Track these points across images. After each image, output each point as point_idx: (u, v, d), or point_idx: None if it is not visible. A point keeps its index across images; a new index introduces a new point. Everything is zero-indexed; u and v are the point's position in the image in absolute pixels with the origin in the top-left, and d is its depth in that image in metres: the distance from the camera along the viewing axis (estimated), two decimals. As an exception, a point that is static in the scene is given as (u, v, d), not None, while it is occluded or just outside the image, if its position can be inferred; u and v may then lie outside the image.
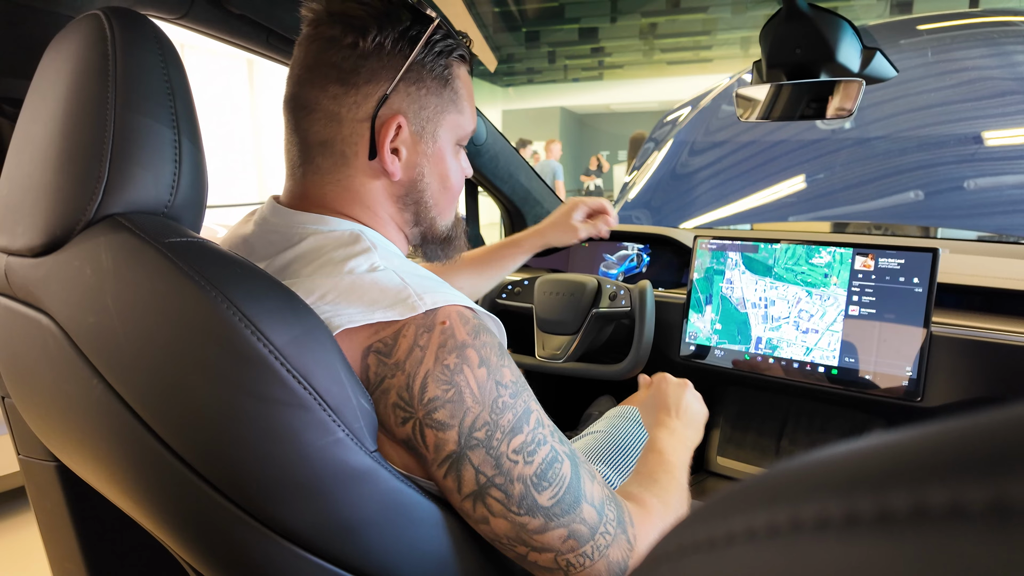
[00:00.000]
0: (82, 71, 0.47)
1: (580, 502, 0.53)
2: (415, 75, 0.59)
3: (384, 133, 0.58)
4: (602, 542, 0.53)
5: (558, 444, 0.54)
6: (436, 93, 0.60)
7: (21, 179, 0.50)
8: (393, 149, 0.59)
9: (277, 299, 0.45)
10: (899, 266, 0.99)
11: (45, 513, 0.78)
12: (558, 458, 0.53)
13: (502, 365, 0.53)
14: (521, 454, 0.51)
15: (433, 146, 0.62)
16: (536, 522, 0.51)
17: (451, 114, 0.62)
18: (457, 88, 0.62)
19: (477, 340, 0.52)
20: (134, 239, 0.44)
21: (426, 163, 0.62)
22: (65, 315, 0.47)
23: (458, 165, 0.66)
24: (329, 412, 0.44)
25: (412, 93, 0.59)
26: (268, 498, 0.44)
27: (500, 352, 0.54)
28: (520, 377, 0.54)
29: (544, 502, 0.51)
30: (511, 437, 0.51)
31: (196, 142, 0.51)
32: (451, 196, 0.66)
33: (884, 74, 0.93)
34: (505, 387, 0.52)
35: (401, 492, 0.49)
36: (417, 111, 0.60)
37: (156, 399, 0.44)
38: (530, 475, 0.51)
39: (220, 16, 0.86)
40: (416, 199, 0.63)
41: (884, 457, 0.12)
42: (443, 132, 0.62)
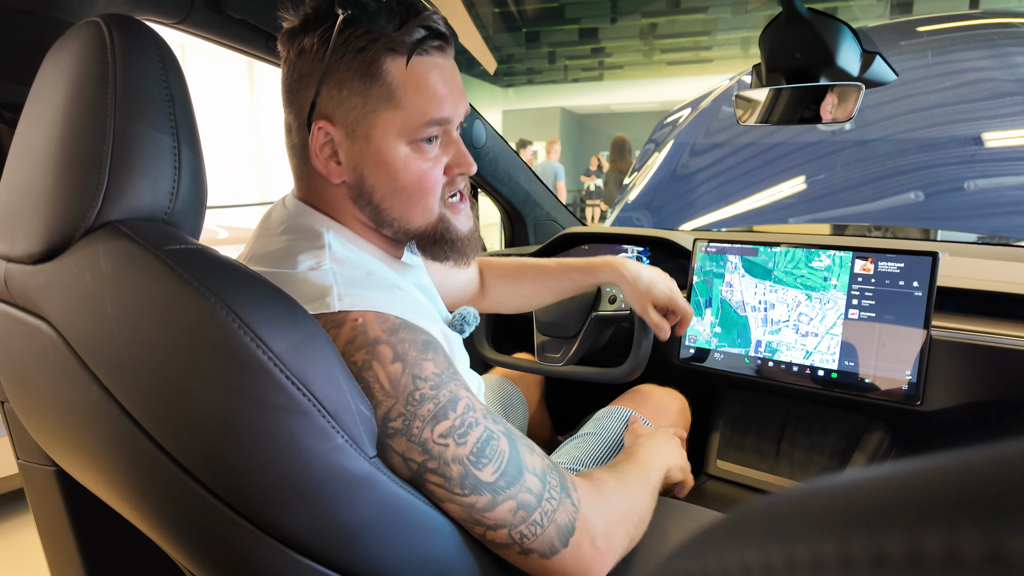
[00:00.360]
0: (81, 78, 0.47)
1: (523, 472, 0.54)
2: (336, 78, 0.57)
3: (312, 138, 0.59)
4: (548, 507, 0.55)
5: (492, 424, 0.55)
6: (360, 92, 0.58)
7: (21, 186, 0.50)
8: (334, 152, 0.60)
9: (276, 306, 0.45)
10: (899, 270, 0.99)
11: (45, 518, 0.78)
12: (493, 436, 0.54)
13: (423, 359, 0.53)
14: (450, 437, 0.52)
15: (368, 147, 0.59)
16: (484, 499, 0.52)
17: (384, 112, 0.58)
18: (388, 82, 0.58)
19: (394, 336, 0.53)
20: (133, 246, 0.44)
21: (365, 165, 0.60)
22: (64, 322, 0.47)
23: (418, 162, 0.61)
24: (328, 418, 0.44)
25: (335, 96, 0.58)
26: (267, 503, 0.44)
27: (423, 347, 0.54)
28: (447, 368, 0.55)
29: (487, 478, 0.53)
30: (434, 424, 0.52)
31: (195, 149, 0.51)
32: (407, 196, 0.62)
33: (883, 78, 0.93)
34: (425, 380, 0.52)
35: (400, 497, 0.49)
36: (344, 114, 0.58)
37: (155, 405, 0.44)
38: (466, 455, 0.52)
39: (219, 20, 0.86)
40: (368, 201, 0.62)
41: (880, 496, 0.12)
42: (378, 132, 0.59)
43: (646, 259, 1.41)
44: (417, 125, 0.59)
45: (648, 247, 1.40)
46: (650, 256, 1.40)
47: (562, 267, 0.99)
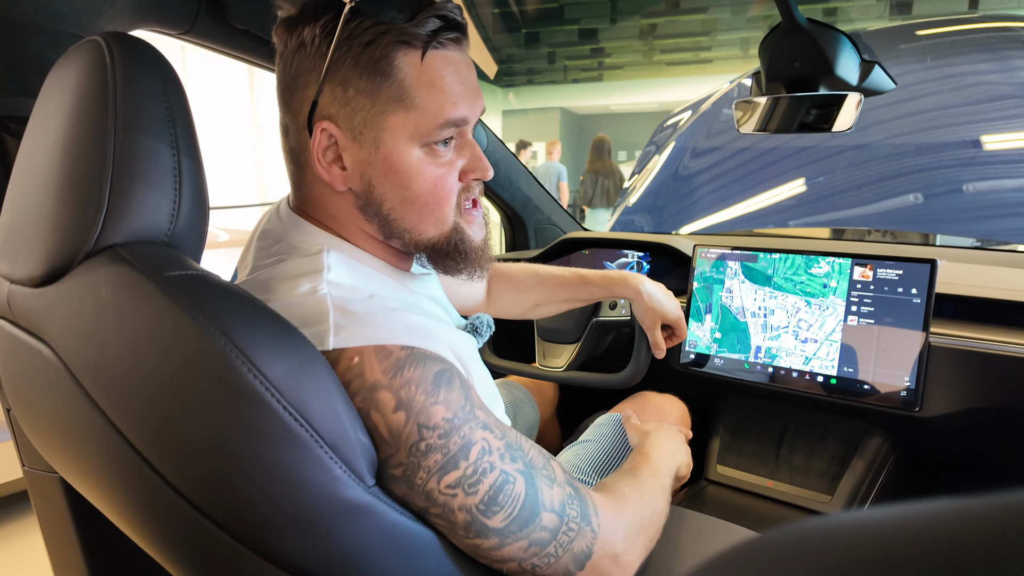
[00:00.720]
0: (82, 98, 0.47)
1: (538, 514, 0.51)
2: (340, 75, 0.51)
3: (314, 142, 0.53)
4: (565, 539, 0.52)
5: (509, 464, 0.51)
6: (368, 92, 0.52)
7: (23, 208, 0.50)
8: (338, 157, 0.54)
9: (274, 331, 0.44)
10: (898, 276, 0.99)
11: (50, 524, 0.78)
12: (508, 479, 0.50)
13: (432, 404, 0.48)
14: (459, 487, 0.48)
15: (376, 153, 0.54)
16: (490, 542, 0.50)
17: (396, 113, 0.53)
18: (401, 79, 0.52)
19: (396, 379, 0.48)
20: (133, 272, 0.44)
21: (372, 172, 0.54)
22: (65, 347, 0.47)
23: (432, 168, 0.55)
24: (326, 449, 0.44)
25: (339, 95, 0.52)
26: (266, 532, 0.43)
27: (434, 387, 0.49)
28: (461, 408, 0.50)
29: (496, 524, 0.49)
30: (441, 475, 0.48)
31: (197, 167, 0.50)
32: (420, 206, 0.56)
33: (883, 87, 0.93)
34: (432, 428, 0.48)
35: (401, 524, 0.48)
36: (349, 115, 0.53)
37: (153, 433, 0.44)
38: (474, 504, 0.49)
39: (223, 31, 0.86)
40: (375, 211, 0.56)
41: (875, 552, 0.12)
42: (388, 135, 0.53)
43: (647, 264, 1.41)
44: (432, 127, 0.54)
45: (648, 252, 1.41)
46: (651, 261, 1.41)
47: (581, 279, 0.97)
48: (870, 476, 1.05)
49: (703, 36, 8.98)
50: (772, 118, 0.96)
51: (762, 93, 0.96)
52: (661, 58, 10.20)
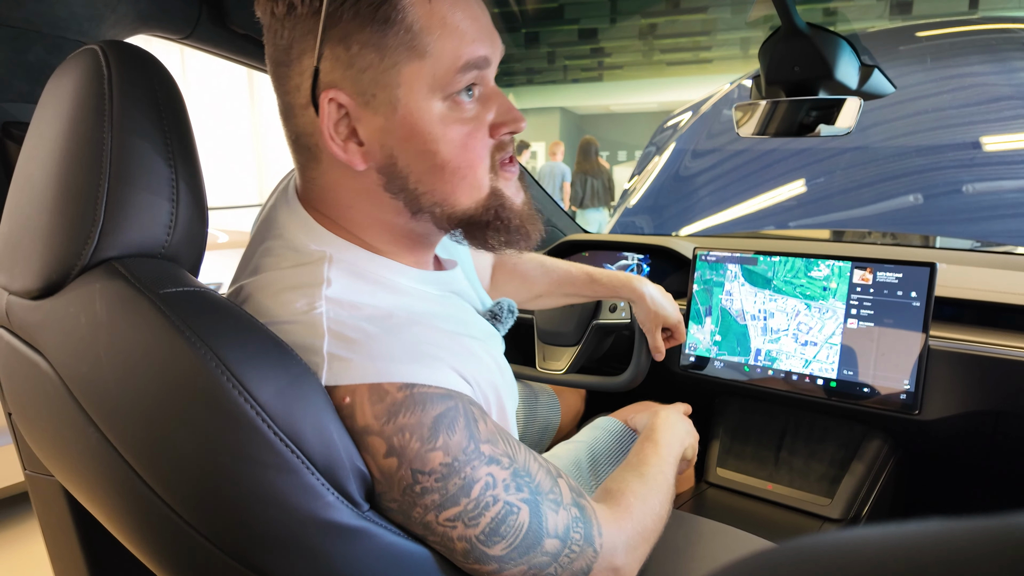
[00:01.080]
0: (78, 108, 0.46)
1: (540, 541, 0.49)
2: (339, 32, 0.45)
3: (323, 115, 0.47)
4: (566, 560, 0.50)
5: (514, 495, 0.48)
6: (374, 44, 0.45)
7: (20, 218, 0.49)
8: (352, 131, 0.48)
9: (268, 357, 0.43)
10: (897, 280, 1.00)
11: (51, 527, 0.79)
12: (512, 511, 0.47)
13: (429, 451, 0.44)
14: (459, 520, 0.46)
15: (393, 116, 0.47)
16: (488, 568, 0.48)
17: (408, 64, 0.46)
18: (409, 24, 0.45)
19: (389, 425, 0.44)
20: (128, 288, 0.43)
21: (392, 141, 0.48)
22: (61, 362, 0.46)
23: (459, 127, 0.48)
24: (318, 476, 0.43)
25: (342, 56, 0.45)
26: (259, 552, 0.43)
27: (432, 433, 0.45)
28: (465, 449, 0.46)
29: (496, 553, 0.47)
30: (439, 511, 0.45)
31: (194, 178, 0.49)
32: (450, 173, 0.49)
33: (882, 90, 0.94)
34: (428, 473, 0.44)
35: (398, 545, 0.47)
36: (356, 76, 0.46)
37: (146, 452, 0.43)
38: (475, 535, 0.46)
39: (224, 36, 0.86)
40: (401, 186, 0.50)
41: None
42: (403, 92, 0.46)
43: (647, 266, 1.41)
44: (452, 72, 0.47)
45: (648, 255, 1.41)
46: (651, 264, 1.41)
47: (588, 277, 0.98)
48: (869, 479, 1.05)
49: (703, 36, 8.98)
50: (771, 121, 0.97)
51: (762, 97, 0.96)
52: (661, 58, 10.20)
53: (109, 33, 0.72)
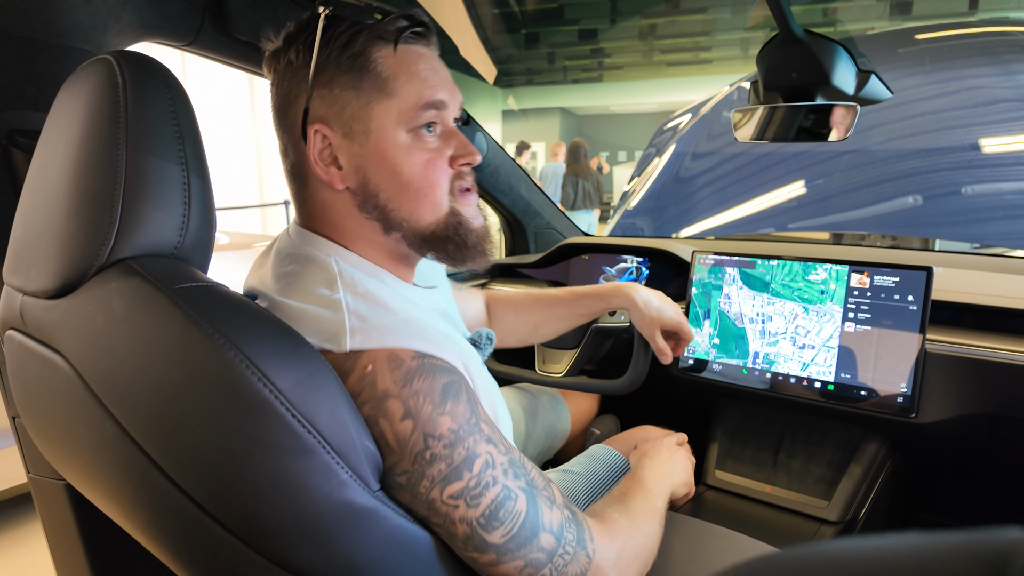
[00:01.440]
0: (94, 116, 0.48)
1: (537, 533, 0.52)
2: (325, 78, 0.56)
3: (311, 145, 0.57)
4: (560, 563, 0.53)
5: (512, 481, 0.52)
6: (353, 87, 0.56)
7: (35, 222, 0.51)
8: (334, 158, 0.58)
9: (282, 342, 0.46)
10: (894, 284, 1.00)
11: (54, 530, 0.79)
12: (511, 496, 0.52)
13: (439, 414, 0.50)
14: (462, 499, 0.50)
15: (367, 143, 0.57)
16: (487, 557, 0.51)
17: (380, 102, 0.57)
18: (380, 71, 0.57)
19: (406, 389, 0.50)
20: (145, 285, 0.45)
21: (367, 163, 0.58)
22: (78, 358, 0.48)
23: (421, 154, 0.59)
24: (333, 455, 0.45)
25: (327, 97, 0.57)
26: (275, 537, 0.45)
27: (441, 398, 0.51)
28: (468, 420, 0.52)
29: (495, 540, 0.50)
30: (444, 485, 0.49)
31: (205, 182, 0.52)
32: (414, 191, 0.59)
33: (879, 96, 0.94)
34: (438, 438, 0.49)
35: (404, 529, 0.50)
36: (338, 113, 0.57)
37: (166, 442, 0.45)
38: (475, 517, 0.50)
39: (226, 43, 0.87)
40: (374, 203, 0.59)
41: None
42: (375, 124, 0.57)
43: (646, 269, 1.42)
44: (414, 110, 0.57)
45: (647, 258, 1.42)
46: (649, 267, 1.42)
47: (574, 295, 0.97)
48: (867, 482, 1.06)
49: (703, 36, 8.99)
50: (770, 126, 0.97)
51: (760, 102, 0.97)
52: (661, 58, 10.21)
53: (113, 42, 0.72)
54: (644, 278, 1.42)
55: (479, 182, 1.65)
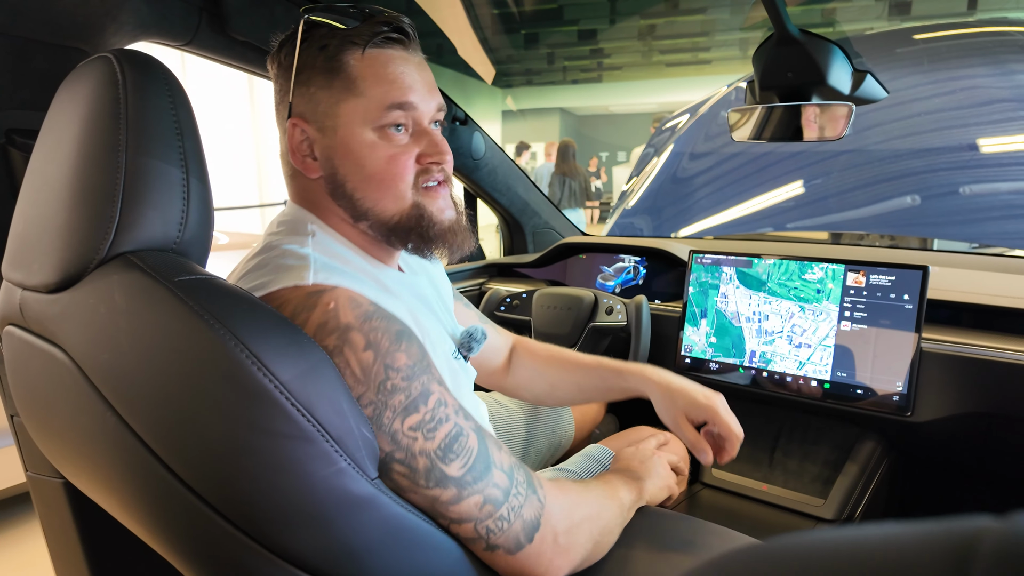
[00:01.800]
0: (94, 114, 0.49)
1: (491, 468, 0.56)
2: (304, 77, 0.62)
3: (288, 138, 0.64)
4: (515, 503, 0.56)
5: (463, 420, 0.57)
6: (325, 86, 0.62)
7: (36, 218, 0.52)
8: (310, 150, 0.64)
9: (283, 335, 0.47)
10: (890, 283, 1.01)
11: (53, 529, 0.80)
12: (463, 432, 0.56)
13: (396, 350, 0.54)
14: (420, 431, 0.53)
15: (335, 137, 0.63)
16: (448, 493, 0.54)
17: (347, 101, 0.62)
18: (349, 73, 0.61)
19: (366, 324, 0.54)
20: (145, 278, 0.46)
21: (335, 156, 0.63)
22: (79, 351, 0.49)
23: (385, 150, 0.63)
24: (332, 443, 0.46)
25: (305, 94, 0.63)
26: (274, 526, 0.45)
27: (396, 338, 0.55)
28: (420, 360, 0.56)
29: (454, 472, 0.54)
30: (404, 416, 0.53)
31: (203, 179, 0.53)
32: (377, 183, 0.63)
33: (875, 96, 0.95)
34: (396, 370, 0.53)
35: (402, 517, 0.51)
36: (313, 109, 0.62)
37: (167, 432, 0.45)
38: (433, 449, 0.53)
39: (223, 42, 0.87)
40: (342, 192, 0.64)
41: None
42: (343, 121, 0.62)
43: (643, 269, 1.42)
44: (379, 110, 0.62)
45: (645, 257, 1.42)
46: (647, 266, 1.42)
47: (596, 363, 0.93)
48: (863, 480, 1.06)
49: (702, 37, 8.99)
50: (767, 125, 0.98)
51: (756, 101, 0.97)
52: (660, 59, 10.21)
53: (111, 41, 0.73)
54: (642, 277, 1.43)
55: (477, 182, 1.66)
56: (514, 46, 9.28)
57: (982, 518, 0.13)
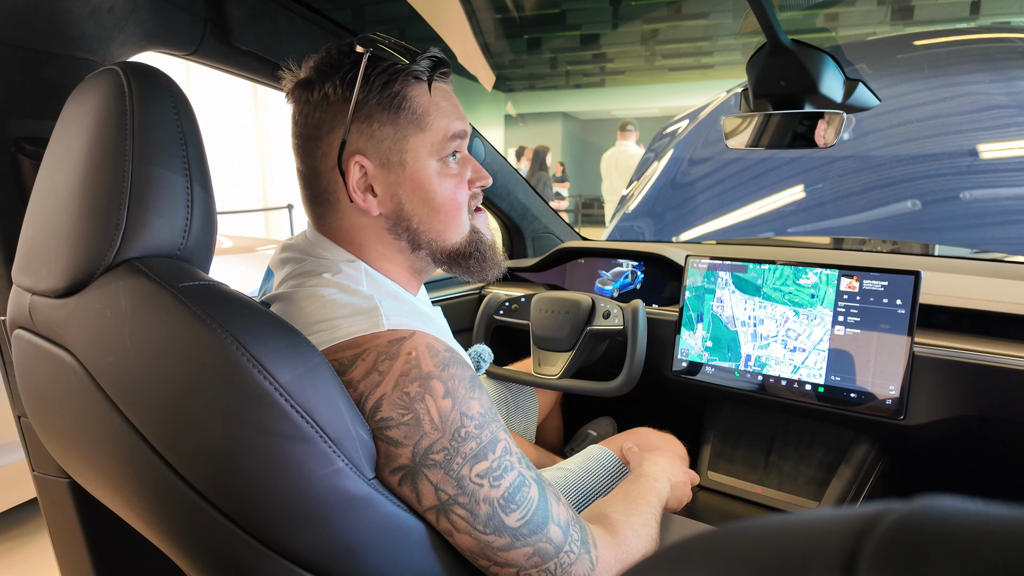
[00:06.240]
0: (101, 124, 0.50)
1: (547, 523, 0.56)
2: (364, 113, 0.61)
3: (349, 175, 0.62)
4: (566, 560, 0.56)
5: (525, 470, 0.57)
6: (391, 122, 0.62)
7: (44, 225, 0.53)
8: (369, 187, 0.63)
9: (282, 339, 0.48)
10: (883, 288, 1.02)
11: (58, 528, 0.81)
12: (525, 483, 0.56)
13: (470, 398, 0.55)
14: (486, 478, 0.54)
15: (403, 172, 0.63)
16: (502, 540, 0.54)
17: (415, 136, 0.63)
18: (415, 108, 0.63)
19: (444, 372, 0.55)
20: (150, 284, 0.48)
21: (402, 191, 0.64)
22: (86, 354, 0.50)
23: (448, 180, 0.65)
24: (330, 444, 0.47)
25: (365, 130, 0.62)
26: (273, 524, 0.47)
27: (470, 385, 0.56)
28: (490, 409, 0.57)
29: (512, 523, 0.54)
30: (474, 463, 0.54)
31: (207, 187, 0.54)
32: (444, 214, 0.66)
33: (867, 103, 0.96)
34: (471, 418, 0.54)
35: (398, 516, 0.52)
36: (376, 145, 0.62)
37: (170, 433, 0.47)
38: (497, 498, 0.54)
39: (228, 52, 0.89)
40: (405, 227, 0.65)
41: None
42: (411, 156, 0.63)
43: (640, 273, 1.44)
44: (443, 141, 0.64)
45: (642, 262, 1.44)
46: (644, 271, 1.44)
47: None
48: (857, 482, 1.07)
49: (704, 41, 9.00)
50: (764, 133, 0.99)
51: (751, 109, 0.99)
52: (663, 63, 10.22)
53: (117, 52, 0.75)
54: (640, 282, 1.44)
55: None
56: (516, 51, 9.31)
57: (894, 502, 0.15)
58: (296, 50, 0.95)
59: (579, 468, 0.92)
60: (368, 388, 0.53)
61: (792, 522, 0.16)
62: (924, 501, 0.14)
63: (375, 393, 0.53)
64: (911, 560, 0.13)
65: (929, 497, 0.15)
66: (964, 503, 0.14)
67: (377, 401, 0.53)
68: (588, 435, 1.34)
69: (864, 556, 0.13)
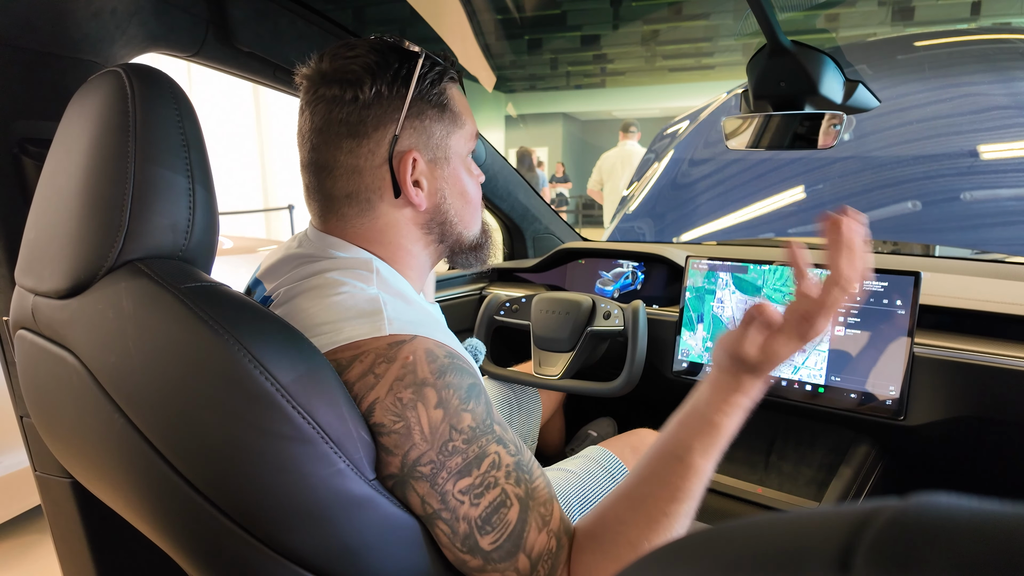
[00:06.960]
0: (104, 126, 0.51)
1: (517, 552, 0.54)
2: (416, 109, 0.63)
3: (403, 170, 0.63)
4: None
5: (512, 486, 0.55)
6: (438, 119, 0.65)
7: (47, 226, 0.53)
8: (415, 182, 0.65)
9: (284, 340, 0.48)
10: (883, 288, 1.02)
11: (60, 528, 0.81)
12: (506, 503, 0.54)
13: (463, 410, 0.54)
14: (468, 495, 0.53)
15: (448, 168, 0.67)
16: (476, 561, 0.54)
17: (456, 133, 0.67)
18: (454, 107, 0.66)
19: (440, 380, 0.54)
20: (152, 285, 0.48)
21: (445, 185, 0.67)
22: (89, 354, 0.50)
23: (472, 176, 0.70)
24: (331, 445, 0.47)
25: (417, 127, 0.64)
26: (275, 524, 0.47)
27: (466, 396, 0.55)
28: (484, 421, 0.55)
29: (485, 546, 0.53)
30: (458, 478, 0.53)
31: (209, 189, 0.54)
32: (473, 207, 0.70)
33: (867, 104, 0.96)
34: (460, 432, 0.53)
35: (398, 517, 0.52)
36: (426, 141, 0.64)
37: (172, 433, 0.47)
38: (475, 517, 0.53)
39: (229, 53, 0.90)
40: (441, 220, 0.68)
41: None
42: (453, 152, 0.67)
43: (641, 274, 1.44)
44: (472, 139, 0.69)
45: (643, 262, 1.44)
46: (645, 271, 1.44)
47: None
48: (857, 483, 1.07)
49: (705, 42, 9.00)
50: (764, 134, 0.99)
51: (751, 110, 0.99)
52: (663, 64, 10.22)
53: (120, 53, 0.75)
54: (640, 282, 1.44)
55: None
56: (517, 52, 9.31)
57: (890, 499, 0.15)
58: (297, 51, 0.95)
59: (579, 470, 0.91)
60: (363, 391, 0.52)
61: (787, 519, 0.16)
62: (919, 497, 0.15)
63: (369, 396, 0.52)
64: (907, 555, 0.13)
65: (925, 494, 0.15)
66: (959, 499, 0.15)
67: (370, 405, 0.52)
68: (589, 435, 1.34)
69: (860, 552, 0.13)
